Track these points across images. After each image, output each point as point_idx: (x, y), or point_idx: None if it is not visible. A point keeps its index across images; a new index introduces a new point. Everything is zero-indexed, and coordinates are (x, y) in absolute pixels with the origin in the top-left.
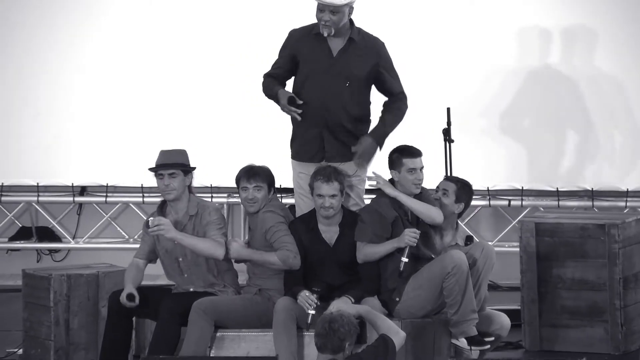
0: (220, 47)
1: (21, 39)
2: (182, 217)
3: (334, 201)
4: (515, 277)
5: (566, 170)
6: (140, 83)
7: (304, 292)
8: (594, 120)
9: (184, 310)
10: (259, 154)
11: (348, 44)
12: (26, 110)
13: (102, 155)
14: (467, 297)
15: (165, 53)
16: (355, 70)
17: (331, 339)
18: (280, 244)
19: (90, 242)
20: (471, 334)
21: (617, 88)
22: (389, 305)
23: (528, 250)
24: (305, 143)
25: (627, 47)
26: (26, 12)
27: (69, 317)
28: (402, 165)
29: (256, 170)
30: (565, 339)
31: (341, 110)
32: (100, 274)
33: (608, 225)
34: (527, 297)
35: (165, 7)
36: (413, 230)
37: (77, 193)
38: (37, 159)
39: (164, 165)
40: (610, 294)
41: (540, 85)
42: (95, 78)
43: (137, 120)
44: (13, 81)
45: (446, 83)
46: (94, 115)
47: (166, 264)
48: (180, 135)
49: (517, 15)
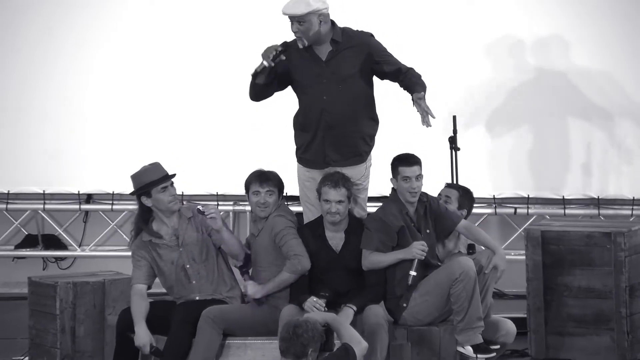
0: (226, 58)
1: (27, 47)
2: (179, 222)
3: (340, 207)
4: (521, 285)
5: (572, 179)
6: (147, 91)
7: (312, 298)
8: (600, 128)
9: (195, 320)
10: (264, 162)
11: (334, 47)
12: (32, 118)
13: (108, 163)
14: (473, 304)
15: (171, 63)
16: (347, 71)
17: (294, 343)
18: (288, 248)
19: (97, 250)
20: (477, 341)
21: (624, 96)
22: (396, 312)
23: (534, 258)
24: (308, 150)
25: (637, 53)
26: (31, 19)
27: (75, 324)
28: (399, 174)
29: (268, 175)
30: (572, 347)
31: (341, 113)
32: (107, 282)
33: (614, 233)
34: (533, 305)
35: (175, 18)
36: (421, 242)
37: (83, 201)
38: (44, 167)
39: (168, 177)
40: (616, 302)
41: (547, 93)
42: (101, 86)
43: (143, 128)
44: (19, 89)
45: (452, 91)
46: (99, 123)
47: (170, 278)
48: (187, 144)
49: (523, 23)
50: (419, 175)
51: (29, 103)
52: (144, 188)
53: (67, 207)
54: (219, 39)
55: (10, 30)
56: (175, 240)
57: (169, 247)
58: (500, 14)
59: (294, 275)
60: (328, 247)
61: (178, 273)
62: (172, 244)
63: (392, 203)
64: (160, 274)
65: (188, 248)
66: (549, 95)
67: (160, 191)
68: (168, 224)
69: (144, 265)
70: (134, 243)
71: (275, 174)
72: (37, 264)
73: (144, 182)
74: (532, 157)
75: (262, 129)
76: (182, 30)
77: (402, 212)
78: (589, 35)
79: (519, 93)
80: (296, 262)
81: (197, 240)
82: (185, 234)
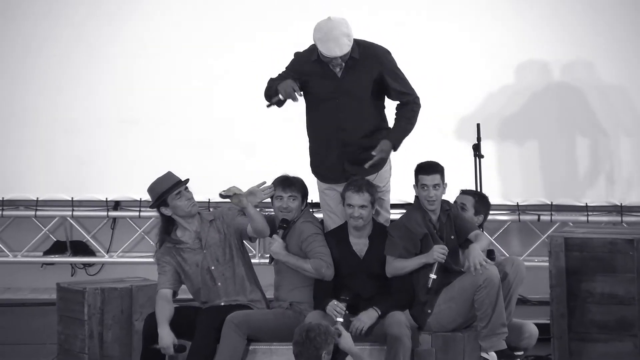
0: (243, 68)
1: (56, 55)
2: (200, 226)
3: (363, 212)
4: (544, 292)
5: (595, 186)
6: (173, 100)
7: (333, 301)
8: (623, 137)
9: (220, 325)
10: (289, 169)
11: (350, 62)
12: (61, 127)
13: (135, 171)
14: (497, 311)
15: (199, 70)
16: (361, 88)
17: (307, 347)
18: (315, 254)
19: (124, 256)
20: (501, 347)
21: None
22: (420, 318)
23: (557, 265)
24: (326, 167)
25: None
26: (60, 28)
27: (103, 330)
28: (418, 182)
29: (292, 180)
30: (594, 353)
31: (356, 128)
32: (134, 288)
33: (637, 240)
34: (557, 311)
35: (201, 30)
36: (441, 246)
37: (111, 208)
38: (72, 175)
39: (180, 182)
40: (639, 308)
41: (570, 101)
42: (128, 95)
43: (169, 136)
44: (48, 99)
45: (476, 99)
46: (127, 132)
47: (196, 281)
48: (213, 151)
49: (547, 31)
50: (437, 185)
51: (58, 113)
52: (160, 198)
53: (95, 214)
54: (239, 51)
55: (38, 41)
56: (199, 243)
57: (192, 250)
58: (522, 22)
59: (313, 272)
60: (352, 252)
61: (204, 276)
62: (196, 247)
63: (415, 210)
64: (186, 278)
65: (211, 250)
66: (573, 104)
67: (176, 197)
68: (190, 228)
69: (169, 271)
70: (158, 251)
71: (300, 179)
72: (66, 270)
73: (159, 192)
74: (556, 165)
75: (279, 139)
76: (206, 42)
77: (425, 219)
78: (614, 43)
79: (542, 101)
80: (323, 264)
81: (219, 241)
82: (208, 236)
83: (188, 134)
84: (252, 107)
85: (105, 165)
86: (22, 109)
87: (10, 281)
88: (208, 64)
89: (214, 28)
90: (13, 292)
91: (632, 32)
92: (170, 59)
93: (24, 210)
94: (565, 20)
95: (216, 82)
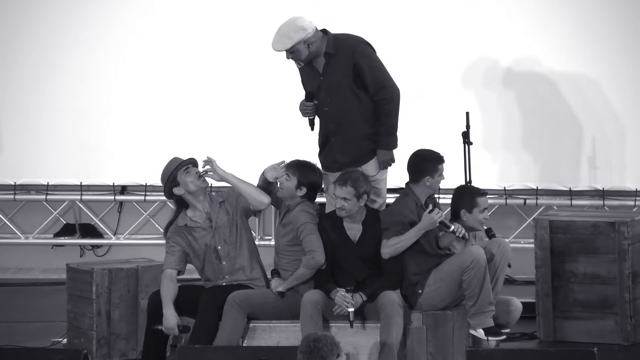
0: (252, 60)
1: (63, 43)
2: (211, 207)
3: (345, 204)
4: (530, 272)
5: (578, 171)
6: (179, 86)
7: (340, 293)
8: (605, 123)
9: (221, 303)
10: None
11: (328, 59)
12: (70, 116)
13: (141, 156)
14: (484, 290)
15: (202, 58)
16: (339, 81)
17: (314, 357)
18: (306, 243)
19: (130, 238)
20: (488, 325)
21: (627, 91)
22: (411, 298)
23: (542, 247)
24: (324, 156)
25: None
26: (68, 18)
27: (110, 308)
28: (437, 171)
29: (294, 162)
30: (578, 330)
31: (340, 121)
32: (140, 268)
33: (618, 222)
34: (542, 290)
35: (206, 18)
36: (432, 210)
37: (118, 192)
38: (80, 160)
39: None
40: (620, 287)
41: (554, 89)
42: (134, 81)
43: (175, 121)
44: (57, 87)
45: (465, 87)
46: (133, 118)
47: (202, 260)
48: (216, 136)
49: (536, 21)
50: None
51: (67, 103)
52: (171, 175)
53: (103, 197)
54: (245, 42)
55: (47, 30)
56: (209, 223)
57: (203, 229)
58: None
59: (310, 270)
60: (346, 237)
61: (210, 255)
62: (206, 226)
63: (406, 197)
64: (195, 256)
65: (220, 230)
66: (556, 91)
67: (184, 173)
68: (202, 209)
69: (177, 252)
70: (170, 230)
71: (304, 164)
72: (75, 252)
73: (170, 170)
74: (541, 150)
75: (283, 127)
76: (213, 31)
77: (417, 206)
78: (599, 34)
79: (528, 88)
80: (310, 258)
81: (228, 222)
82: (218, 217)
83: (192, 121)
84: (260, 93)
85: (112, 151)
86: (34, 99)
87: (22, 262)
88: (214, 50)
89: (221, 15)
90: (25, 272)
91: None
92: (177, 46)
93: (35, 195)
94: (547, 14)
95: (223, 68)
